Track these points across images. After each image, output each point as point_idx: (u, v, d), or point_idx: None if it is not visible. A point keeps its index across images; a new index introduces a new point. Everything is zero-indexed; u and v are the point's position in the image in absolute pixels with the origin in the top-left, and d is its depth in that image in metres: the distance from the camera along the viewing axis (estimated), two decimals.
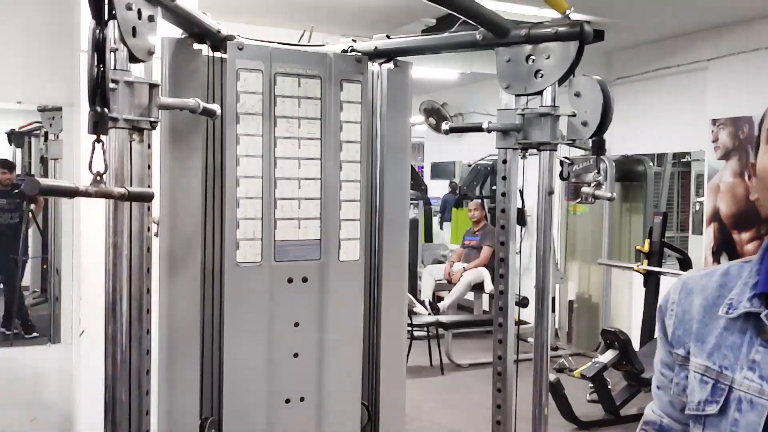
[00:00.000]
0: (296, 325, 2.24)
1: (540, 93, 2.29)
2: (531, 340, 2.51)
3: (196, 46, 2.08)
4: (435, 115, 8.79)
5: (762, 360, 0.97)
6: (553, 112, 2.29)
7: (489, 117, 2.51)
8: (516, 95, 2.34)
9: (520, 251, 5.84)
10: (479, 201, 7.48)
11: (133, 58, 1.50)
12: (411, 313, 5.81)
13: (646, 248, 5.46)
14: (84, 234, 2.93)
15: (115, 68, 1.46)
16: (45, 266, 4.59)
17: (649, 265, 5.43)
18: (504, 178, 2.43)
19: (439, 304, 7.07)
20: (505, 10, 3.27)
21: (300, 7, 4.76)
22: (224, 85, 2.13)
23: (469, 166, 8.70)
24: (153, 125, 1.60)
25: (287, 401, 2.25)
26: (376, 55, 2.35)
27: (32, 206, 4.57)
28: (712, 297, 1.06)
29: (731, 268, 1.07)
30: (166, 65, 2.02)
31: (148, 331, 1.67)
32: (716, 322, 1.04)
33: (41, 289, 4.73)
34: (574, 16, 2.21)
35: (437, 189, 9.60)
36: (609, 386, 4.90)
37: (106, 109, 1.38)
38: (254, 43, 2.16)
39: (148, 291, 1.65)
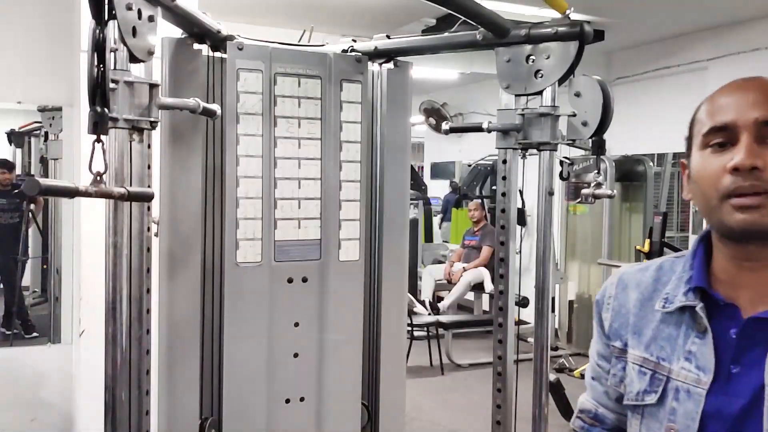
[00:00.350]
0: (296, 325, 2.24)
1: (540, 93, 2.29)
2: (531, 340, 2.51)
3: (196, 46, 2.08)
4: (435, 115, 8.80)
5: (698, 351, 1.02)
6: (553, 112, 2.29)
7: (489, 117, 2.51)
8: (516, 95, 2.34)
9: (520, 251, 5.84)
10: (479, 201, 7.49)
11: (133, 58, 1.50)
12: (411, 313, 5.81)
13: (646, 248, 5.45)
14: (84, 234, 2.93)
15: (115, 68, 1.46)
16: (45, 266, 4.59)
17: None
18: (504, 178, 2.43)
19: (439, 304, 7.07)
20: (505, 10, 3.27)
21: (300, 7, 4.76)
22: (224, 85, 2.13)
23: (469, 166, 8.71)
24: (153, 125, 1.60)
25: (287, 401, 2.25)
26: (376, 55, 2.35)
27: (32, 206, 4.57)
28: (647, 291, 1.11)
29: (665, 263, 1.13)
30: (166, 65, 2.02)
31: (148, 331, 1.67)
32: (652, 315, 1.09)
33: (41, 289, 4.73)
34: (574, 16, 2.21)
35: (437, 189, 9.60)
36: None
37: (106, 109, 1.38)
38: (254, 43, 2.16)
39: (148, 291, 1.65)
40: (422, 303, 7.04)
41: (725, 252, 1.03)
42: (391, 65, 2.39)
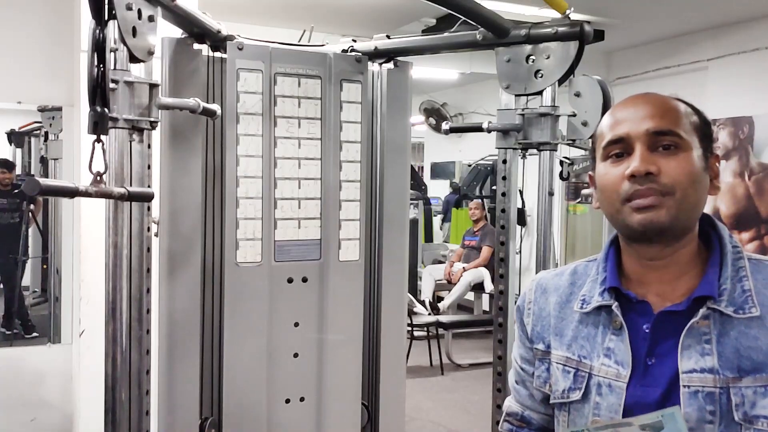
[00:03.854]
0: (296, 325, 2.24)
1: (540, 93, 2.29)
2: None
3: (196, 46, 2.08)
4: (435, 115, 8.80)
5: (615, 347, 1.09)
6: (553, 112, 2.29)
7: (489, 117, 2.51)
8: (516, 95, 2.34)
9: (520, 251, 5.84)
10: (479, 201, 7.49)
11: (133, 58, 1.50)
12: (411, 313, 5.81)
13: None
14: (84, 234, 2.93)
15: (115, 68, 1.46)
16: (45, 266, 4.59)
17: None
18: (504, 178, 2.43)
19: (439, 304, 7.07)
20: (505, 10, 3.27)
21: (300, 7, 4.76)
22: (224, 85, 2.13)
23: (469, 166, 8.70)
24: (153, 125, 1.60)
25: (287, 401, 2.25)
26: (376, 55, 2.35)
27: (32, 206, 4.57)
28: (565, 294, 1.19)
29: (578, 267, 1.22)
30: (166, 65, 2.02)
31: (148, 331, 1.67)
32: (571, 317, 1.17)
33: (41, 289, 4.73)
34: (574, 16, 2.21)
35: (437, 189, 9.60)
36: None
37: (106, 109, 1.38)
38: (254, 43, 2.16)
39: (148, 291, 1.65)
40: (422, 303, 7.03)
41: (631, 253, 1.13)
42: (391, 65, 2.39)
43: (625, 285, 1.12)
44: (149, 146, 1.62)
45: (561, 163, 2.58)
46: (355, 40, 2.37)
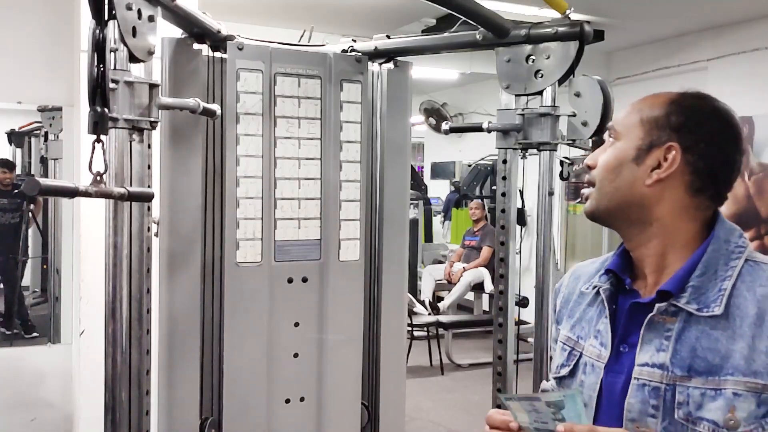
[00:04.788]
0: (296, 325, 2.24)
1: (540, 93, 2.29)
2: (531, 340, 2.51)
3: (196, 46, 2.08)
4: (435, 115, 8.79)
5: (603, 329, 1.13)
6: (553, 112, 2.29)
7: (489, 117, 2.51)
8: (516, 95, 2.34)
9: (520, 251, 5.83)
10: (480, 201, 7.50)
11: (133, 58, 1.50)
12: (411, 313, 5.80)
13: None
14: (84, 234, 2.92)
15: (115, 68, 1.46)
16: (45, 266, 4.59)
17: None
18: (504, 178, 2.43)
19: (439, 304, 7.07)
20: (505, 10, 3.26)
21: (300, 7, 4.76)
22: (224, 85, 2.13)
23: (469, 166, 8.70)
24: (153, 125, 1.60)
25: (287, 401, 2.25)
26: (376, 55, 2.35)
27: (32, 206, 4.57)
28: (589, 280, 1.23)
29: (609, 256, 1.23)
30: (166, 65, 2.02)
31: (148, 331, 1.67)
32: (583, 299, 1.22)
33: (41, 289, 4.73)
34: (574, 16, 2.21)
35: (437, 189, 9.59)
36: None
37: (106, 109, 1.38)
38: (254, 43, 2.16)
39: (148, 291, 1.65)
40: (422, 303, 7.03)
41: None
42: (391, 65, 2.39)
43: (630, 271, 1.15)
44: (149, 146, 1.62)
45: (561, 163, 2.58)
46: (355, 40, 2.37)
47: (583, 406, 1.01)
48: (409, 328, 5.40)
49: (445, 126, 2.60)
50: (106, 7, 1.40)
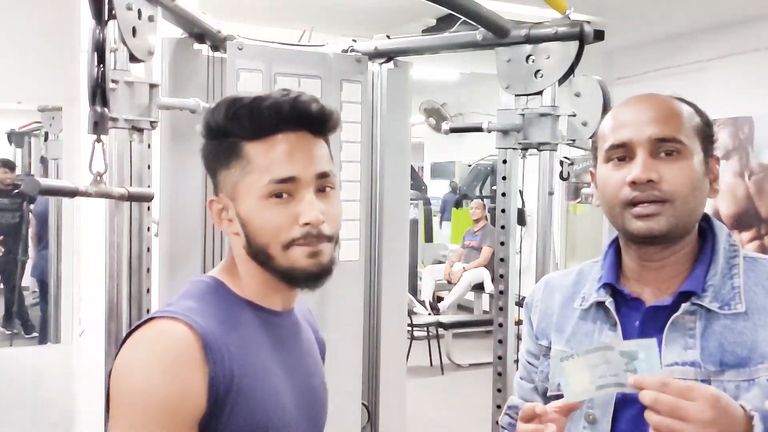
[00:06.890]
0: None
1: (540, 93, 2.29)
2: None
3: (196, 46, 2.08)
4: (435, 115, 8.80)
5: (612, 340, 1.11)
6: (553, 112, 2.29)
7: (489, 117, 2.51)
8: (516, 95, 2.34)
9: (520, 251, 5.83)
10: (480, 201, 7.50)
11: (133, 58, 1.51)
12: (411, 313, 5.81)
13: None
14: (84, 234, 2.92)
15: (115, 68, 1.46)
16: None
17: None
18: (504, 178, 2.43)
19: (439, 304, 7.07)
20: (505, 10, 3.26)
21: (300, 7, 4.76)
22: (224, 85, 2.13)
23: (469, 166, 8.70)
24: (153, 125, 1.60)
25: None
26: (376, 55, 2.35)
27: (32, 206, 4.57)
28: (569, 293, 1.22)
29: (584, 268, 1.25)
30: (166, 65, 2.02)
31: None
32: (572, 314, 1.20)
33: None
34: (574, 16, 2.22)
35: (437, 189, 9.60)
36: None
37: (106, 109, 1.38)
38: (254, 43, 2.16)
39: (148, 291, 1.65)
40: (422, 303, 7.03)
41: (630, 253, 1.15)
42: (391, 65, 2.39)
43: (622, 282, 1.15)
44: (149, 146, 1.62)
45: (561, 163, 2.58)
46: (355, 40, 2.37)
47: (658, 357, 0.96)
48: (409, 328, 5.41)
49: (445, 126, 2.60)
50: (106, 7, 1.40)
